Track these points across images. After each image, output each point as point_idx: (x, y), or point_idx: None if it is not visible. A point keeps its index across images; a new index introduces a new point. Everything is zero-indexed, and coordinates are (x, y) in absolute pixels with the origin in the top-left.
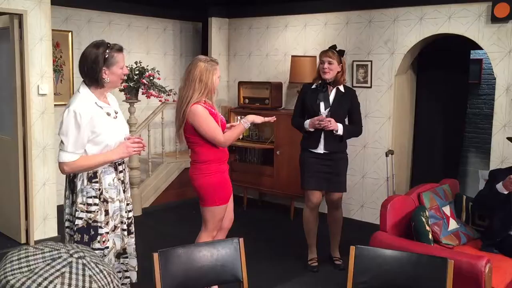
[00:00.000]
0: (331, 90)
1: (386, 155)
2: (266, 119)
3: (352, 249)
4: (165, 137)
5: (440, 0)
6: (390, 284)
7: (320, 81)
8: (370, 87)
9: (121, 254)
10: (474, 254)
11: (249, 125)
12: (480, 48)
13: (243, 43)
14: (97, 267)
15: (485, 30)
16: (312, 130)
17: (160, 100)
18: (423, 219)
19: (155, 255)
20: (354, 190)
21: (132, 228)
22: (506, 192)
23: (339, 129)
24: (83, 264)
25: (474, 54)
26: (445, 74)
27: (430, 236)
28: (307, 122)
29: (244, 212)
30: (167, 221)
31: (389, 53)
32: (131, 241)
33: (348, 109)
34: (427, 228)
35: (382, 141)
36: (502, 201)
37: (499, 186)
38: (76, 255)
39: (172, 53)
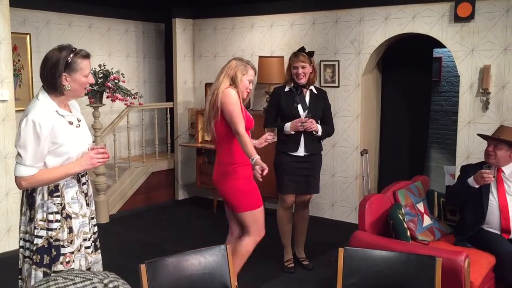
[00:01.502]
0: (305, 92)
1: (361, 154)
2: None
3: (341, 250)
4: (131, 141)
5: (404, 0)
6: (380, 285)
7: (293, 84)
8: (338, 86)
9: None
10: (452, 249)
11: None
12: (443, 47)
13: (209, 44)
14: None
15: (448, 29)
16: (293, 133)
17: (125, 104)
18: (400, 217)
19: (142, 267)
20: (325, 189)
21: (98, 244)
22: (477, 186)
23: (319, 130)
24: None
25: (434, 53)
26: (409, 72)
27: (408, 234)
28: (287, 125)
29: (215, 215)
30: (136, 228)
31: (355, 52)
32: (98, 257)
33: (322, 109)
34: (405, 225)
35: (350, 140)
36: (474, 195)
37: (471, 180)
38: (111, 285)
39: (135, 55)
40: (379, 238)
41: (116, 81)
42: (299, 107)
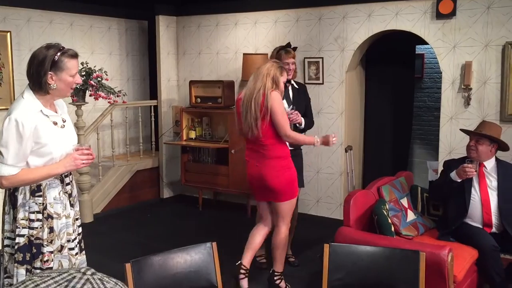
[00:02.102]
0: (288, 87)
1: (346, 151)
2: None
3: (326, 246)
4: (115, 139)
5: None
6: (365, 280)
7: None
8: (322, 83)
9: None
10: (436, 244)
11: (318, 144)
12: (425, 43)
13: (193, 41)
14: (111, 280)
15: (430, 26)
16: None
17: (109, 102)
18: (385, 212)
19: (128, 266)
20: (310, 185)
21: (83, 245)
22: (459, 180)
23: (302, 122)
24: (100, 279)
25: (417, 49)
26: (392, 69)
27: (392, 229)
28: None
29: (200, 213)
30: (121, 227)
31: (339, 49)
32: (83, 258)
33: (305, 104)
34: (389, 221)
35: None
36: (456, 189)
37: (453, 175)
38: (89, 272)
39: (118, 52)
40: (364, 234)
41: (99, 79)
42: (284, 102)
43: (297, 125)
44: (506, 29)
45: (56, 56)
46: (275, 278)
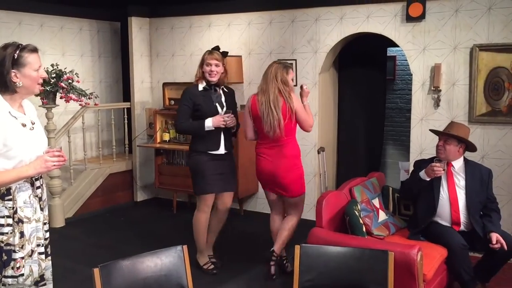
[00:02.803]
0: (218, 91)
1: (318, 152)
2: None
3: (297, 248)
4: (87, 142)
5: (358, 0)
6: (335, 280)
7: (206, 83)
8: (296, 85)
9: (39, 281)
10: (406, 243)
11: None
12: (396, 46)
13: (166, 43)
14: None
15: (401, 29)
16: (213, 128)
17: (80, 104)
18: (356, 213)
19: (96, 271)
20: None
21: (49, 250)
22: (428, 179)
23: (235, 126)
24: None
25: (388, 51)
26: (365, 71)
27: (364, 229)
28: (209, 121)
29: (174, 216)
30: (93, 231)
31: (312, 51)
32: (48, 264)
33: (236, 108)
34: (361, 221)
35: (309, 138)
36: (425, 188)
37: (422, 174)
38: None
39: (90, 54)
40: (336, 235)
41: (69, 81)
42: (218, 105)
43: (231, 129)
44: (473, 32)
45: (15, 54)
46: (273, 258)
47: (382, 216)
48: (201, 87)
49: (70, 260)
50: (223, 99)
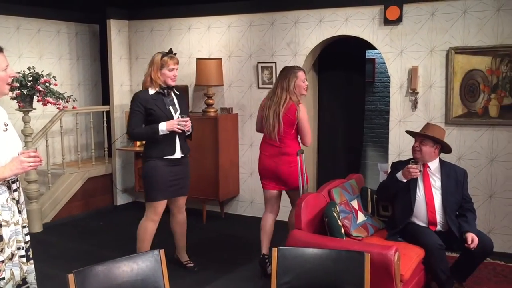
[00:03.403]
0: (171, 94)
1: (297, 155)
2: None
3: (275, 250)
4: (66, 146)
5: (337, 3)
6: (312, 282)
7: (160, 87)
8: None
9: (21, 285)
10: (383, 244)
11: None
12: (374, 48)
13: (145, 46)
14: None
15: (379, 32)
16: (168, 132)
17: (58, 108)
18: (335, 215)
19: (70, 276)
20: (260, 191)
21: (31, 253)
22: (405, 180)
23: (190, 129)
24: None
25: (368, 54)
26: (344, 73)
27: (342, 231)
28: (163, 124)
29: None
30: (72, 236)
31: (292, 54)
32: (31, 267)
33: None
34: (339, 223)
35: None
36: (402, 189)
37: (399, 175)
38: None
39: (68, 57)
40: (315, 236)
41: (47, 84)
42: (171, 109)
43: (186, 131)
44: (449, 35)
45: None
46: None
47: (361, 217)
48: (152, 91)
49: (47, 266)
50: (176, 102)
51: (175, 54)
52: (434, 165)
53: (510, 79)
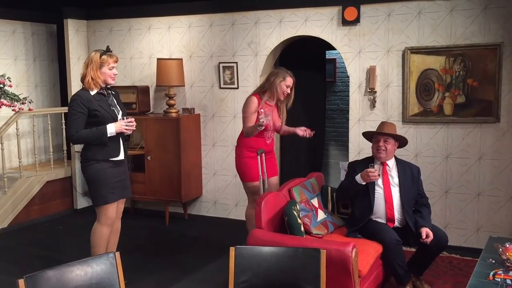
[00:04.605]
0: (110, 95)
1: (257, 154)
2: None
3: (232, 249)
4: (23, 149)
5: (296, 4)
6: (269, 280)
7: (98, 87)
8: (237, 88)
9: None
10: (341, 241)
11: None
12: (334, 49)
13: (104, 46)
14: None
15: (337, 32)
16: (115, 135)
17: (13, 110)
18: (295, 213)
19: (20, 282)
20: (228, 190)
21: None
22: (364, 183)
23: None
24: None
25: (328, 54)
26: (305, 73)
27: (302, 229)
28: (111, 126)
29: None
30: (29, 241)
31: (253, 54)
32: None
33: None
34: (299, 221)
35: None
36: (362, 190)
37: (358, 178)
38: None
39: (24, 57)
40: (275, 235)
41: (1, 85)
42: (115, 110)
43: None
44: (405, 35)
45: None
46: None
47: (321, 215)
48: (93, 92)
49: (2, 272)
50: (116, 102)
51: (111, 51)
52: (391, 162)
53: (463, 78)
